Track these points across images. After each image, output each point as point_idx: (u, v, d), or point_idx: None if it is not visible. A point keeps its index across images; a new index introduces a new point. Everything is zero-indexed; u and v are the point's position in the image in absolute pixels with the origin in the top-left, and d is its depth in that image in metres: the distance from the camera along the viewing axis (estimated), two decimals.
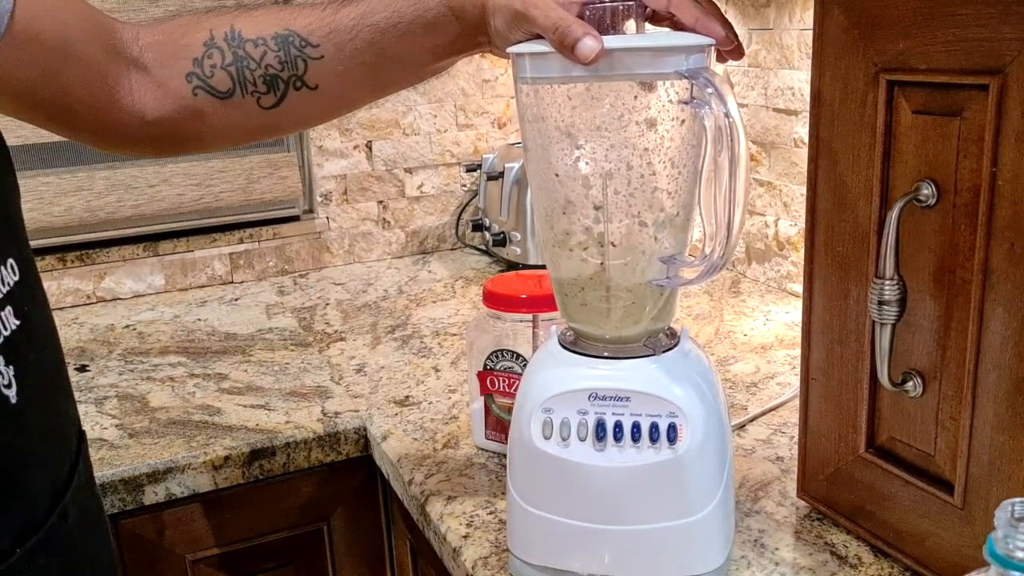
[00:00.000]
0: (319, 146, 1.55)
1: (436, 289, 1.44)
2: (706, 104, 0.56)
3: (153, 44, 0.68)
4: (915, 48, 0.57)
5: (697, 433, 0.60)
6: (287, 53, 0.68)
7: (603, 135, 0.60)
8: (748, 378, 1.03)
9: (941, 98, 0.57)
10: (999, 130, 0.53)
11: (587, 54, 0.56)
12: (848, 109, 0.63)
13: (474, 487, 0.81)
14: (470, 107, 1.63)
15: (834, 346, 0.67)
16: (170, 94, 0.68)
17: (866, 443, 0.66)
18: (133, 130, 0.68)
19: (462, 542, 0.73)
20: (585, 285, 0.64)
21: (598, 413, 0.61)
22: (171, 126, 0.69)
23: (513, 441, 0.65)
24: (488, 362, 0.84)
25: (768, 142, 1.32)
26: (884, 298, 0.60)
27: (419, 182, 1.63)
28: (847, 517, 0.70)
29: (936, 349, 0.60)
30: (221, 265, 1.52)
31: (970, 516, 0.59)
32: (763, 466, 0.83)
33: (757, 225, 1.37)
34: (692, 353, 0.65)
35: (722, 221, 0.57)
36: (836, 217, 0.65)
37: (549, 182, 0.63)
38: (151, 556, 0.94)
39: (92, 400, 1.05)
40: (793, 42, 1.25)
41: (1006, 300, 0.54)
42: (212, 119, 0.69)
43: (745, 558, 0.69)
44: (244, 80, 0.68)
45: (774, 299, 1.31)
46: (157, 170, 1.45)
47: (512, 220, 1.47)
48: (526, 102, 0.62)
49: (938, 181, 0.57)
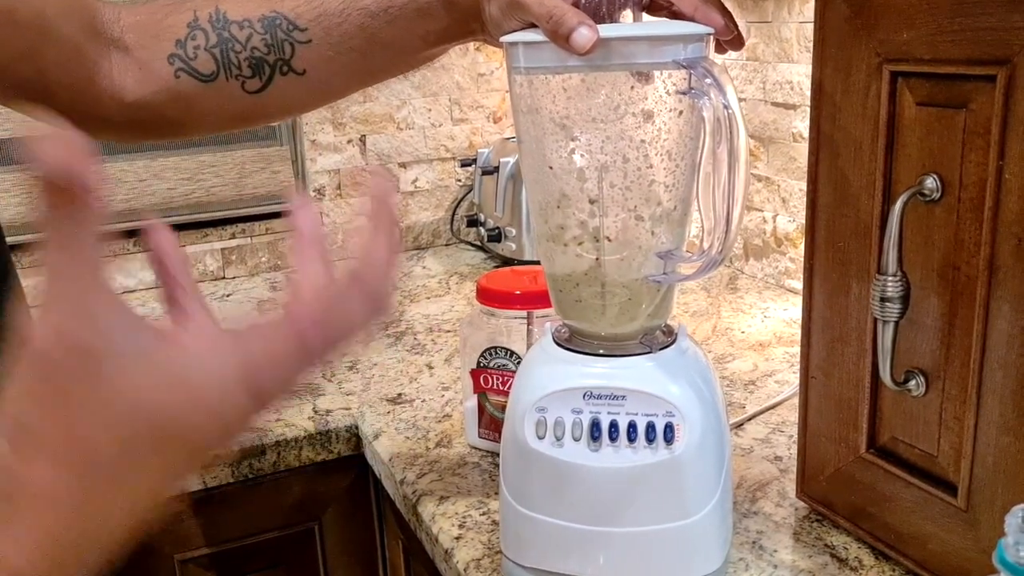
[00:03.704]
0: (312, 140, 1.54)
1: (430, 285, 1.43)
2: (704, 95, 0.55)
3: (135, 25, 0.67)
4: (919, 38, 0.56)
5: (694, 433, 0.59)
6: (274, 36, 0.66)
7: (599, 127, 0.58)
8: (746, 376, 1.02)
9: (946, 89, 0.55)
10: (1006, 122, 0.51)
11: (582, 44, 0.54)
12: (850, 101, 0.61)
13: (467, 487, 0.80)
14: (465, 101, 1.62)
15: (835, 344, 0.66)
16: (151, 76, 0.66)
17: (867, 443, 0.65)
18: (113, 113, 0.67)
19: (454, 543, 0.72)
20: (580, 281, 0.63)
21: (593, 412, 0.60)
22: (152, 109, 0.67)
23: (506, 441, 0.64)
24: (482, 359, 0.83)
25: (767, 137, 1.31)
26: (886, 295, 0.59)
27: (413, 177, 1.62)
28: (847, 518, 0.68)
29: (940, 347, 0.58)
30: (213, 261, 1.51)
31: (974, 519, 0.57)
32: (761, 466, 0.81)
33: (755, 221, 1.36)
34: (689, 351, 0.64)
35: (720, 216, 0.56)
36: (837, 212, 0.64)
37: (543, 175, 0.61)
38: (139, 555, 0.92)
39: None
40: (792, 35, 1.23)
41: (1012, 297, 0.53)
42: (195, 103, 0.68)
43: (743, 560, 0.68)
44: (229, 63, 0.66)
45: (772, 296, 1.30)
46: (148, 164, 1.44)
47: (507, 215, 1.45)
48: (520, 93, 0.60)
49: (943, 175, 0.56)
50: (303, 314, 0.36)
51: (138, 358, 0.33)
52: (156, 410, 0.33)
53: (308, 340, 0.36)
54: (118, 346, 0.32)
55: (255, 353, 0.35)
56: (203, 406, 0.34)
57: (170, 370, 0.33)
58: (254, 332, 0.36)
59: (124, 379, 0.32)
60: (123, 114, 0.67)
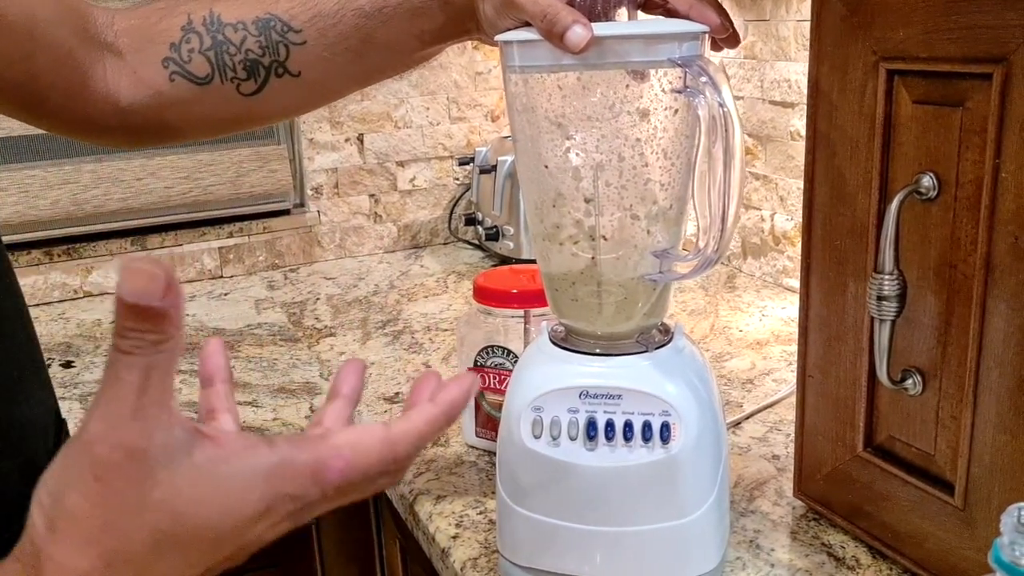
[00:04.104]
0: (310, 139, 1.53)
1: (428, 284, 1.43)
2: (700, 93, 0.55)
3: (128, 29, 0.66)
4: (916, 36, 0.55)
5: (691, 432, 0.59)
6: (268, 38, 0.66)
7: (594, 125, 0.58)
8: (743, 375, 1.02)
9: (943, 87, 0.55)
10: (1002, 120, 0.51)
11: (577, 42, 0.54)
12: (847, 99, 0.61)
13: (464, 486, 0.80)
14: (463, 100, 1.62)
15: (832, 342, 0.66)
16: (146, 80, 0.66)
17: (864, 442, 0.65)
18: (107, 118, 0.67)
19: (451, 543, 0.72)
20: (576, 280, 0.62)
21: (589, 411, 0.60)
22: (147, 114, 0.67)
23: (502, 440, 0.64)
24: (479, 358, 0.83)
25: (764, 135, 1.31)
26: (883, 293, 0.59)
27: (411, 175, 1.62)
28: (845, 517, 0.68)
29: (936, 346, 0.58)
30: (210, 259, 1.50)
31: (971, 517, 0.57)
32: (759, 465, 0.81)
33: (753, 219, 1.36)
34: (686, 350, 0.63)
35: (716, 214, 0.55)
36: (834, 210, 0.64)
37: (539, 174, 0.61)
38: None
39: (77, 396, 1.03)
40: (790, 33, 1.23)
41: (1009, 296, 0.52)
42: (190, 106, 0.67)
43: (740, 559, 0.68)
44: (223, 65, 0.66)
45: (770, 294, 1.29)
46: (144, 163, 1.43)
47: (505, 214, 1.45)
48: (515, 91, 0.60)
49: (939, 173, 0.56)
50: (335, 470, 0.40)
51: (180, 459, 0.36)
52: (191, 514, 0.36)
53: (332, 497, 0.40)
54: (164, 447, 0.36)
55: (281, 491, 0.39)
56: (231, 518, 0.37)
57: (209, 474, 0.37)
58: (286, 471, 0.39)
59: (168, 482, 0.36)
60: (117, 119, 0.67)
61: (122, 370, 0.35)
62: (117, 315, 0.34)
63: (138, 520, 0.35)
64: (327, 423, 0.45)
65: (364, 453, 0.40)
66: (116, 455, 0.35)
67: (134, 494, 0.35)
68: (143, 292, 0.33)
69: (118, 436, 0.35)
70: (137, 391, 0.35)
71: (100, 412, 0.35)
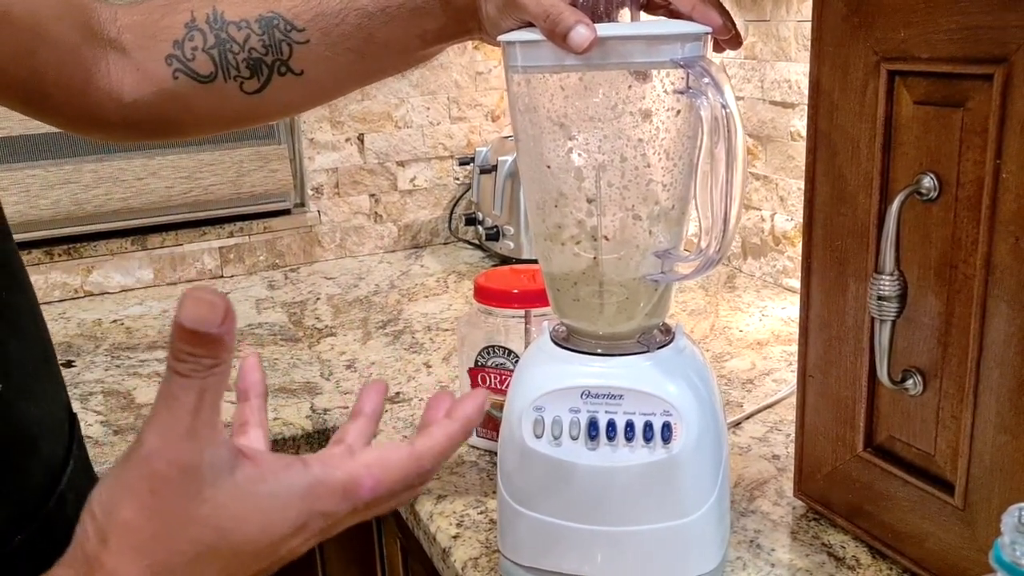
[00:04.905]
0: (310, 139, 1.53)
1: (428, 284, 1.43)
2: (702, 94, 0.55)
3: (132, 25, 0.66)
4: (917, 36, 0.56)
5: (692, 432, 0.59)
6: (271, 37, 0.66)
7: (596, 126, 0.58)
8: (744, 375, 1.02)
9: (943, 88, 0.55)
10: (1003, 121, 0.51)
11: (580, 43, 0.54)
12: (848, 100, 0.61)
13: (465, 486, 0.80)
14: (463, 99, 1.62)
15: (832, 343, 0.66)
16: (149, 77, 0.66)
17: (864, 442, 0.65)
18: (110, 114, 0.67)
19: (452, 542, 0.72)
20: (578, 280, 0.62)
21: (590, 411, 0.60)
22: (150, 111, 0.67)
23: (504, 440, 0.64)
24: (480, 358, 0.83)
25: (764, 135, 1.31)
26: (884, 294, 0.59)
27: (411, 175, 1.62)
28: (845, 517, 0.68)
29: (937, 346, 0.58)
30: (211, 259, 1.50)
31: (971, 517, 0.57)
32: (759, 465, 0.81)
33: (753, 220, 1.36)
34: (687, 350, 0.63)
35: (718, 215, 0.55)
36: (835, 211, 0.64)
37: (541, 174, 0.61)
38: None
39: (77, 396, 1.03)
40: (790, 34, 1.23)
41: (1009, 296, 0.53)
42: (193, 104, 0.67)
43: (741, 559, 0.68)
44: (227, 64, 0.66)
45: (770, 294, 1.30)
46: (145, 163, 1.43)
47: (505, 214, 1.45)
48: (517, 92, 0.60)
49: (940, 173, 0.56)
50: (366, 488, 0.42)
51: (224, 477, 0.38)
52: (232, 530, 0.38)
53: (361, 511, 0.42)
54: (212, 466, 0.38)
55: (315, 509, 0.41)
56: (269, 535, 0.39)
57: (250, 493, 0.39)
58: (320, 490, 0.41)
59: (213, 499, 0.38)
60: (120, 115, 0.67)
61: (178, 391, 0.37)
62: (174, 338, 0.36)
63: (185, 534, 0.37)
64: (349, 440, 0.47)
65: (391, 470, 0.43)
66: (171, 471, 0.37)
67: (183, 509, 0.37)
68: (203, 320, 0.35)
69: (174, 453, 0.37)
70: (192, 412, 0.37)
71: (157, 429, 0.37)
